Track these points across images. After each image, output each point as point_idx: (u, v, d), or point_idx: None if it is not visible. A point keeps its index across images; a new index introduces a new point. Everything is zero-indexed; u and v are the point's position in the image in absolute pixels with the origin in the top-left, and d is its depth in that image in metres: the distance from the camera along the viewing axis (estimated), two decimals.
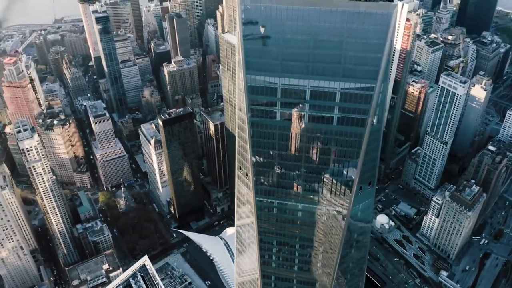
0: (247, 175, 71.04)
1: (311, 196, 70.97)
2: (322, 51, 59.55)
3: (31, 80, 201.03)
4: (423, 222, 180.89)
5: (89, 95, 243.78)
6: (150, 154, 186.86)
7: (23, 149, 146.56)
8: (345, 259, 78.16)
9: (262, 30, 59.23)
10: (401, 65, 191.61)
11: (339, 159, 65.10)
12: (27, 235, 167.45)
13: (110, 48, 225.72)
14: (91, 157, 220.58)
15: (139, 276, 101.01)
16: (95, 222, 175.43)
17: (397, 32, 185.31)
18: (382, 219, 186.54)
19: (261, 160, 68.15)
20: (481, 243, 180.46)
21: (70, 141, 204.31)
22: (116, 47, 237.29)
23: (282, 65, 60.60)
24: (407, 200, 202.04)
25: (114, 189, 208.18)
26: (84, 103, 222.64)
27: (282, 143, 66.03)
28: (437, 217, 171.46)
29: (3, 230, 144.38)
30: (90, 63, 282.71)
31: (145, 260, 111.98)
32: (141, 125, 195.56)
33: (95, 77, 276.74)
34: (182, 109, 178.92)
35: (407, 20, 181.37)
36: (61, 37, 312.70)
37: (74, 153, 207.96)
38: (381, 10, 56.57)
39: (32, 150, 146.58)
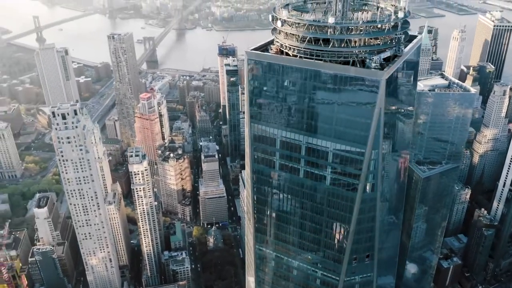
0: (250, 220, 72.73)
1: (307, 256, 69.30)
2: (315, 110, 60.67)
3: (160, 115, 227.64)
4: None
5: (211, 137, 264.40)
6: (244, 200, 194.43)
7: (131, 172, 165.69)
8: None
9: (264, 84, 62.88)
10: None
11: (331, 221, 63.44)
12: (120, 250, 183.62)
13: (234, 99, 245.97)
14: (198, 192, 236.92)
15: None
16: (181, 252, 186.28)
17: None
18: None
19: (261, 207, 69.60)
20: None
21: (181, 175, 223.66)
22: (242, 99, 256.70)
23: (281, 118, 62.96)
24: None
25: (209, 226, 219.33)
26: (201, 143, 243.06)
27: (279, 193, 66.87)
28: None
29: (98, 240, 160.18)
30: (220, 110, 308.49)
31: None
32: (242, 171, 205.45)
33: (221, 123, 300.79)
34: None
35: None
36: (203, 84, 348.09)
37: (182, 186, 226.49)
38: (370, 76, 56.11)
39: (138, 174, 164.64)
